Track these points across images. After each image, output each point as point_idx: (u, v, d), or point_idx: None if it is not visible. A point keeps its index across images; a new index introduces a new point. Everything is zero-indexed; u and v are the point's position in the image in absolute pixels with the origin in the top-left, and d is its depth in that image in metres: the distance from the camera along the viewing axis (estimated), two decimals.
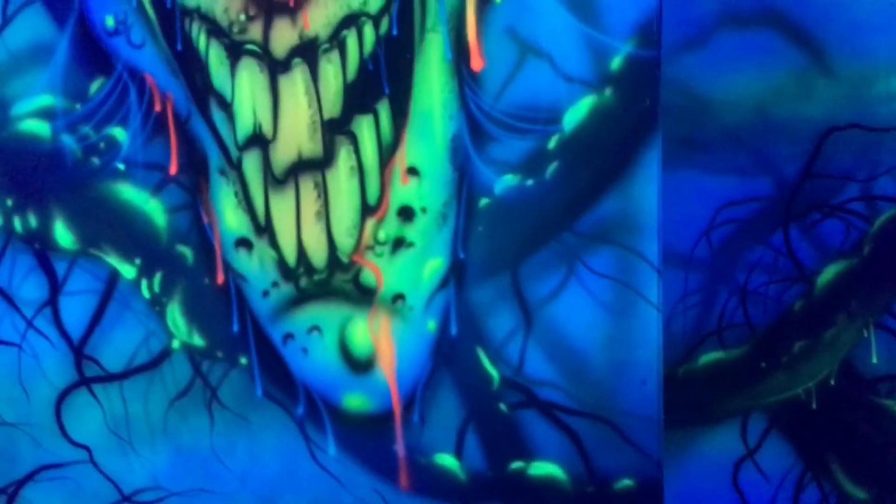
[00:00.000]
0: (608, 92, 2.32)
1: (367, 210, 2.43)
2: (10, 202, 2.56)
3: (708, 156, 2.70)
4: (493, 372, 2.50)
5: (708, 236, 2.73)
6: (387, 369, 2.53)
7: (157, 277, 2.57)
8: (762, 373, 2.77)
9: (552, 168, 2.36)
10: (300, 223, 2.46)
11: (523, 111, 2.35)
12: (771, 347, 2.77)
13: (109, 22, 2.48)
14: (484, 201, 2.40)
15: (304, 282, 2.51)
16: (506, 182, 2.38)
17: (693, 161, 2.71)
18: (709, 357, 2.77)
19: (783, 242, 2.74)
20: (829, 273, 2.75)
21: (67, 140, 2.51)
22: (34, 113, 2.52)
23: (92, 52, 2.48)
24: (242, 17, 2.40)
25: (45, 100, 2.50)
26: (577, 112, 2.33)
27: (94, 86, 2.49)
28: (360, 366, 2.54)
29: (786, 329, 2.78)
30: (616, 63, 2.31)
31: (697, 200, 2.72)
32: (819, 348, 2.76)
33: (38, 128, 2.52)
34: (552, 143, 2.35)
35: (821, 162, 2.70)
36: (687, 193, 2.69)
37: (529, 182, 2.37)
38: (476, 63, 2.35)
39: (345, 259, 2.48)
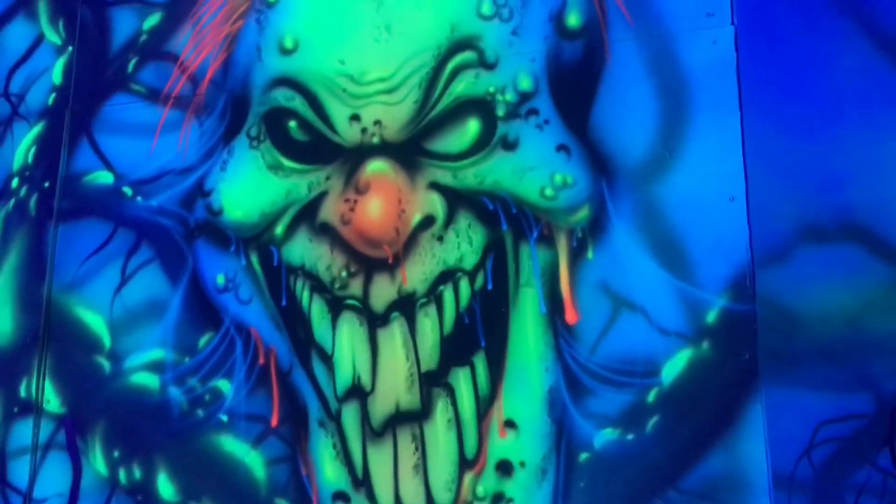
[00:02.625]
0: (705, 345, 2.29)
1: (464, 464, 2.41)
2: (116, 454, 2.65)
3: (802, 371, 2.62)
4: None
5: (809, 456, 2.60)
6: None
7: None
8: None
9: (652, 422, 2.31)
10: (398, 477, 2.45)
11: (620, 364, 2.34)
12: None
13: (220, 280, 2.64)
14: (584, 456, 2.34)
15: None
16: (605, 436, 2.33)
17: (787, 376, 2.62)
18: None
19: (891, 463, 2.58)
20: None
21: (175, 392, 2.62)
22: (146, 366, 2.66)
23: (202, 309, 2.64)
24: (344, 273, 2.53)
25: (157, 353, 2.65)
26: (675, 365, 2.30)
27: (203, 340, 2.62)
28: None
29: None
30: (712, 316, 2.29)
31: (795, 417, 2.61)
32: None
33: (149, 380, 2.65)
34: (651, 397, 2.32)
35: None
36: (783, 410, 2.58)
37: (630, 436, 2.32)
38: (570, 316, 2.38)
39: None
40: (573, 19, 2.44)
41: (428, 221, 2.49)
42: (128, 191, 2.79)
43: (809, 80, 2.54)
